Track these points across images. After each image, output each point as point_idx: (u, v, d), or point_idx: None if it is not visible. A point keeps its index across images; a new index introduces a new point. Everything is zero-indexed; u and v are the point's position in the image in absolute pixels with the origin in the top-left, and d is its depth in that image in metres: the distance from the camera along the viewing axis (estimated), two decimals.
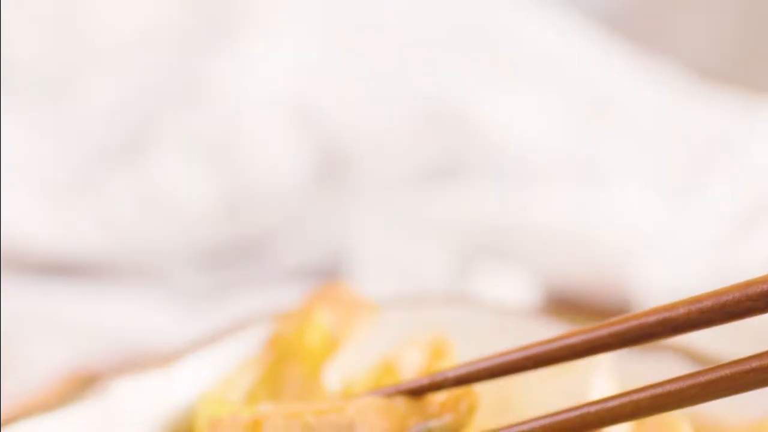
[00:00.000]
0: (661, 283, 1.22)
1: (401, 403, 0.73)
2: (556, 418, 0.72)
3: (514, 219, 1.27)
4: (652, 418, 0.85)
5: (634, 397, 0.69)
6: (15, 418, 0.84)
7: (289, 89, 1.40)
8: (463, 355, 0.90)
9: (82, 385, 0.91)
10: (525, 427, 0.72)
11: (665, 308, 0.67)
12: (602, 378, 0.86)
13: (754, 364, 0.65)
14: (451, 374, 0.74)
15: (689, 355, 0.91)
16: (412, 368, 0.87)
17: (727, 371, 0.66)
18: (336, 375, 0.89)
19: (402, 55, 1.46)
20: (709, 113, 1.40)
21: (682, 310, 0.66)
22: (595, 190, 1.30)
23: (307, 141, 1.37)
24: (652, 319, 0.67)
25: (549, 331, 0.94)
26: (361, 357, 0.90)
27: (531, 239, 1.27)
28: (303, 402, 0.74)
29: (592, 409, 0.70)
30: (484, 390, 0.88)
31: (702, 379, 0.67)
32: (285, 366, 0.90)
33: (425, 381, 0.74)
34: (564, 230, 1.26)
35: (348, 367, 0.90)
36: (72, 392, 0.88)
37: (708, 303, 0.65)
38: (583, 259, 1.25)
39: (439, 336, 0.90)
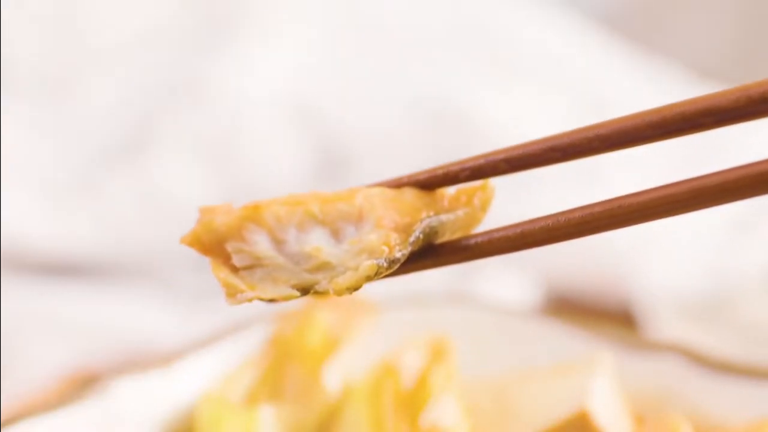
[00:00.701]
0: (660, 283, 1.22)
1: (411, 195, 0.67)
2: (588, 212, 0.66)
3: (514, 219, 1.27)
4: (652, 419, 0.85)
5: (671, 190, 0.64)
6: (15, 418, 0.84)
7: (289, 89, 1.40)
8: (463, 355, 0.90)
9: (82, 385, 0.91)
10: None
11: (710, 97, 0.62)
12: (602, 378, 0.86)
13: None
14: (469, 165, 0.68)
15: (689, 354, 0.91)
16: (412, 368, 0.87)
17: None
18: (336, 375, 0.89)
19: (402, 55, 1.46)
20: None
21: (731, 97, 0.61)
22: (594, 190, 1.29)
23: (307, 141, 1.37)
24: (698, 106, 0.62)
25: (549, 331, 0.94)
26: (361, 357, 0.90)
27: None
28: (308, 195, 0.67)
29: (625, 202, 0.65)
30: (483, 393, 0.88)
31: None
32: (285, 366, 0.90)
33: (439, 173, 0.68)
34: None
35: (348, 367, 0.90)
36: (72, 392, 0.88)
37: (758, 91, 0.60)
38: (584, 259, 1.25)
39: (439, 336, 0.90)
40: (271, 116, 1.37)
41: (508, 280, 1.24)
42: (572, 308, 1.23)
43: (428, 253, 0.67)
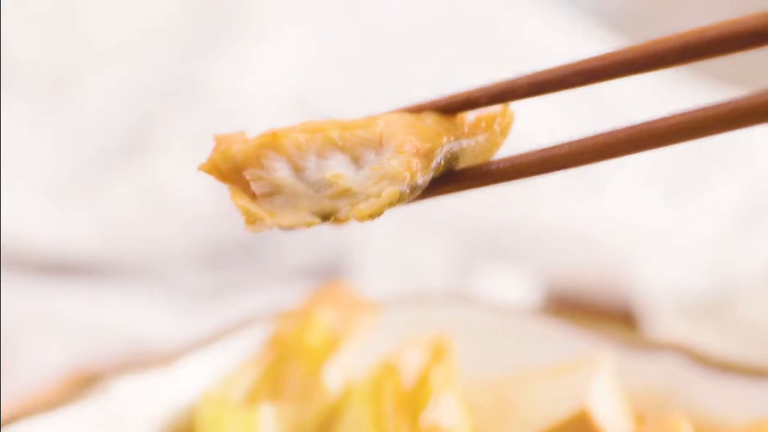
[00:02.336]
0: (661, 282, 1.22)
1: (432, 120, 0.66)
2: (612, 137, 0.65)
3: (515, 219, 1.27)
4: (653, 419, 0.85)
5: (698, 115, 0.63)
6: (16, 418, 0.84)
7: (289, 89, 1.40)
8: (463, 355, 0.90)
9: (82, 385, 0.91)
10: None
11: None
12: (603, 378, 0.86)
13: None
14: (489, 89, 0.67)
15: (689, 354, 0.91)
16: (412, 368, 0.87)
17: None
18: (336, 374, 0.89)
19: (402, 55, 1.46)
20: None
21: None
22: (595, 190, 1.29)
23: None
24: (723, 30, 0.62)
25: (549, 331, 0.94)
26: (362, 357, 0.90)
27: (531, 239, 1.27)
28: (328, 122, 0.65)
29: (651, 126, 0.64)
30: (483, 393, 0.88)
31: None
32: (285, 366, 0.90)
33: (459, 97, 0.67)
34: (564, 230, 1.26)
35: (348, 367, 0.90)
36: (72, 392, 0.88)
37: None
38: (584, 258, 1.25)
39: (439, 336, 0.90)
40: (271, 116, 1.37)
41: (508, 280, 1.24)
42: (572, 308, 1.23)
43: (449, 178, 0.66)
